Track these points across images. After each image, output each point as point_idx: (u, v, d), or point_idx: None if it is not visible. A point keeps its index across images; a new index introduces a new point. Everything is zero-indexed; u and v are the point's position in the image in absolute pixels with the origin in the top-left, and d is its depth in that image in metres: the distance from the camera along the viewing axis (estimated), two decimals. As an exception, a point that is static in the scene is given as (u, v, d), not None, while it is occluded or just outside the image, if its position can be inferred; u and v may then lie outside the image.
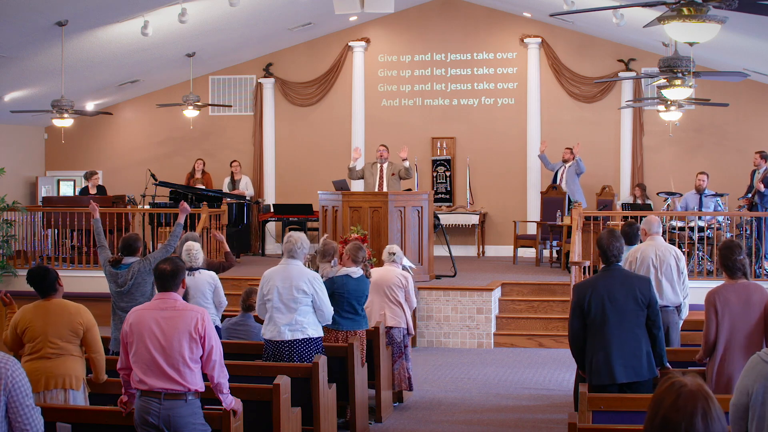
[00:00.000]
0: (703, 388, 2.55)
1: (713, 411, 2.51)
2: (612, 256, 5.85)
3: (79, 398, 5.53)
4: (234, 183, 15.62)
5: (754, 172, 13.04)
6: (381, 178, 12.35)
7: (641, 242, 7.79)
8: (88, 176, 14.71)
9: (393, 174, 12.32)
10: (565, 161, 14.14)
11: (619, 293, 5.74)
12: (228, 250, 8.77)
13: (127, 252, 7.23)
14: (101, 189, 14.84)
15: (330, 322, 6.83)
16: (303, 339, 6.55)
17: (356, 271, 7.39)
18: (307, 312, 6.57)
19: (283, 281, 6.57)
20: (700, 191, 12.91)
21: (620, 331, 5.72)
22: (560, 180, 14.15)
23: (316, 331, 6.64)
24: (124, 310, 7.07)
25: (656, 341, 5.80)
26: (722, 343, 5.73)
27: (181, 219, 7.62)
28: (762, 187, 12.05)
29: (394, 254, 8.40)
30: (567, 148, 14.20)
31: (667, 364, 5.89)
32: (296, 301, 6.53)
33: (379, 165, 12.43)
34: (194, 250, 7.56)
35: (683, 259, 7.76)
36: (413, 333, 8.48)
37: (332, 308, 6.76)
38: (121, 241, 7.36)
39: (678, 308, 7.58)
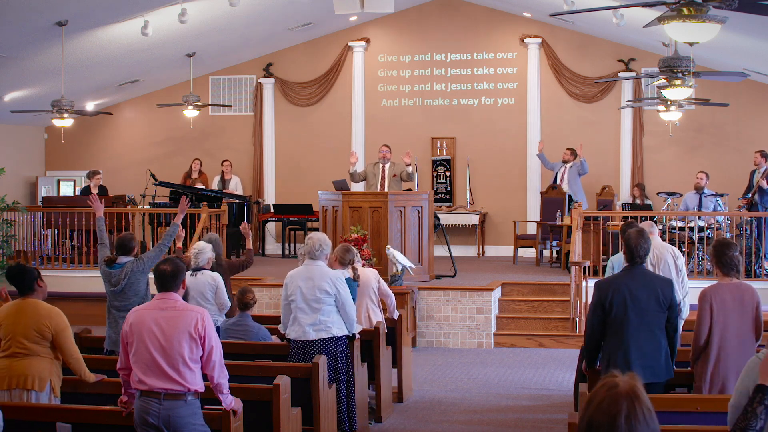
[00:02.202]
0: (634, 389, 2.48)
1: (638, 412, 2.45)
2: (638, 257, 5.79)
3: (42, 400, 5.46)
4: (224, 183, 15.60)
5: (753, 172, 13.04)
6: (383, 178, 12.33)
7: None
8: (91, 176, 14.71)
9: (395, 175, 12.30)
10: (565, 162, 14.15)
11: (641, 293, 5.70)
12: (250, 247, 8.73)
13: (122, 251, 7.22)
14: (103, 189, 14.83)
15: (353, 319, 6.81)
16: (328, 338, 6.64)
17: (342, 274, 7.34)
18: (330, 312, 6.65)
19: (305, 282, 6.64)
20: (698, 189, 12.93)
21: (640, 331, 5.69)
22: (561, 180, 14.16)
23: (340, 330, 6.71)
24: (118, 309, 7.08)
25: (672, 343, 5.78)
26: (715, 344, 5.69)
27: (178, 219, 7.59)
28: (765, 184, 12.07)
29: (353, 252, 8.23)
30: (568, 149, 14.21)
31: (673, 366, 5.88)
32: (319, 301, 6.60)
33: (381, 165, 12.42)
34: (197, 249, 7.55)
35: (681, 257, 7.77)
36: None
37: (354, 308, 6.81)
38: (116, 241, 7.34)
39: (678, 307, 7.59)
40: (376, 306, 8.14)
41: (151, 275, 6.62)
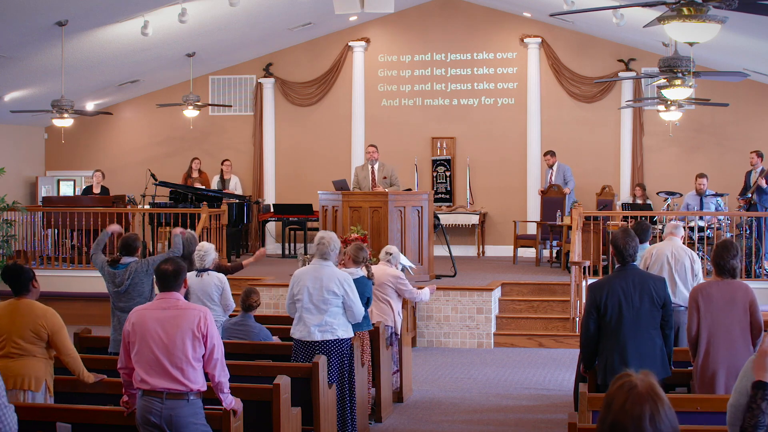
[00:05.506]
0: (653, 389, 2.51)
1: (662, 413, 2.49)
2: (628, 256, 5.81)
3: (38, 400, 5.46)
4: (223, 183, 15.59)
5: (749, 173, 13.06)
6: (374, 180, 12.29)
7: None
8: (94, 174, 14.94)
9: (384, 177, 12.25)
10: (550, 166, 14.30)
11: (635, 293, 5.71)
12: (245, 264, 8.40)
13: (126, 252, 7.23)
14: (105, 190, 14.87)
15: (359, 321, 6.78)
16: (333, 340, 6.57)
17: (356, 272, 7.31)
18: (337, 313, 6.58)
19: (313, 282, 6.55)
20: (700, 194, 12.93)
21: (636, 331, 5.70)
22: (549, 184, 14.28)
23: (346, 332, 6.65)
24: (122, 310, 7.06)
25: (667, 341, 5.79)
26: (704, 340, 5.72)
27: (177, 239, 7.61)
28: (764, 183, 12.08)
29: (390, 254, 8.38)
30: (546, 153, 14.33)
31: (671, 365, 5.88)
32: (326, 302, 6.53)
33: (370, 166, 12.38)
34: (203, 250, 7.52)
35: (698, 262, 7.83)
36: (399, 335, 8.41)
37: (362, 308, 6.74)
38: (121, 241, 7.34)
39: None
40: (383, 303, 8.12)
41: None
